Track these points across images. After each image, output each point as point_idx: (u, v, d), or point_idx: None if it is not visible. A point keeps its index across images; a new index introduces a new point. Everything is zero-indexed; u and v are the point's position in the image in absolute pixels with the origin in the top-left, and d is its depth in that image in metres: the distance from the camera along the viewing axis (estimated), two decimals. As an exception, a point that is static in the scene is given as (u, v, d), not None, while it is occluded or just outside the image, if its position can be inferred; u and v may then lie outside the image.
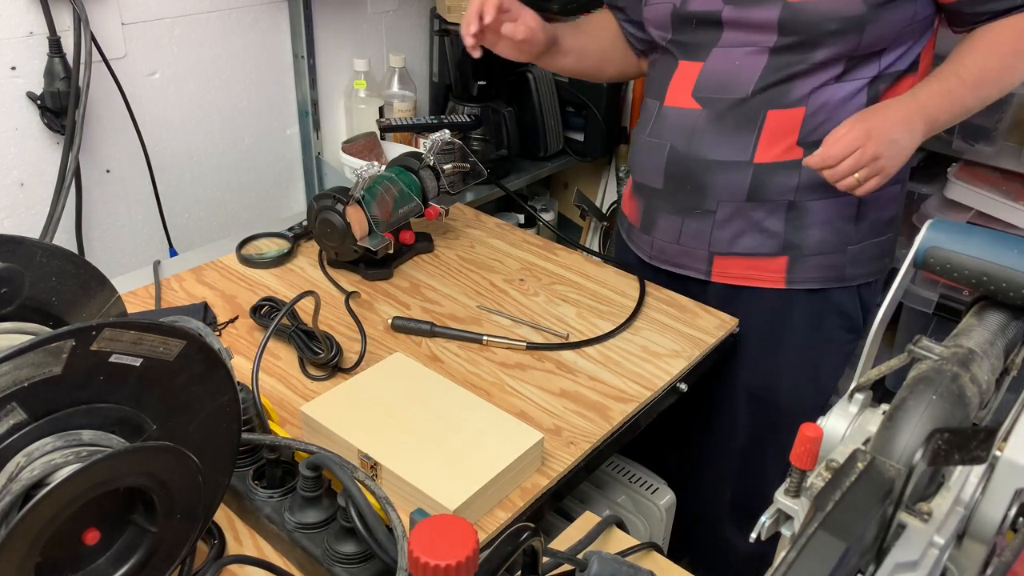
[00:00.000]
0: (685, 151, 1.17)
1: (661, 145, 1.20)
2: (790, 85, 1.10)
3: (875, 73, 1.10)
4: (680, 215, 1.22)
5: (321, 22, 1.64)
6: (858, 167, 1.05)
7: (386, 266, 1.25)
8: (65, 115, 1.28)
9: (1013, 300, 0.62)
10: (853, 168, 1.05)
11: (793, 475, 0.57)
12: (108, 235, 1.46)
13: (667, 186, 1.22)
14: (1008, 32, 1.08)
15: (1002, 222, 1.44)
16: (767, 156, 1.13)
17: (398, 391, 0.94)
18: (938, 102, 1.07)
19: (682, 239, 1.23)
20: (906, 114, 1.06)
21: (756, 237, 1.18)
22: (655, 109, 1.22)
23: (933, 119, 1.07)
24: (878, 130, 1.04)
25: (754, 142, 1.13)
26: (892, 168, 1.06)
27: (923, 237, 0.65)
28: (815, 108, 1.10)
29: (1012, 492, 0.51)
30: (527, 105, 1.86)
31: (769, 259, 1.20)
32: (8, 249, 0.68)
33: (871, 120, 1.05)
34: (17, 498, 0.54)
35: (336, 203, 1.18)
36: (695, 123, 1.16)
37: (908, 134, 1.06)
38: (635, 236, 1.34)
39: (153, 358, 0.60)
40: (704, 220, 1.20)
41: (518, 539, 0.55)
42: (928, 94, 1.07)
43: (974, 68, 1.07)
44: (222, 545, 0.80)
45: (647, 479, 1.22)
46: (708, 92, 1.14)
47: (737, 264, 1.21)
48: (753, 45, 1.10)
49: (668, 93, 1.19)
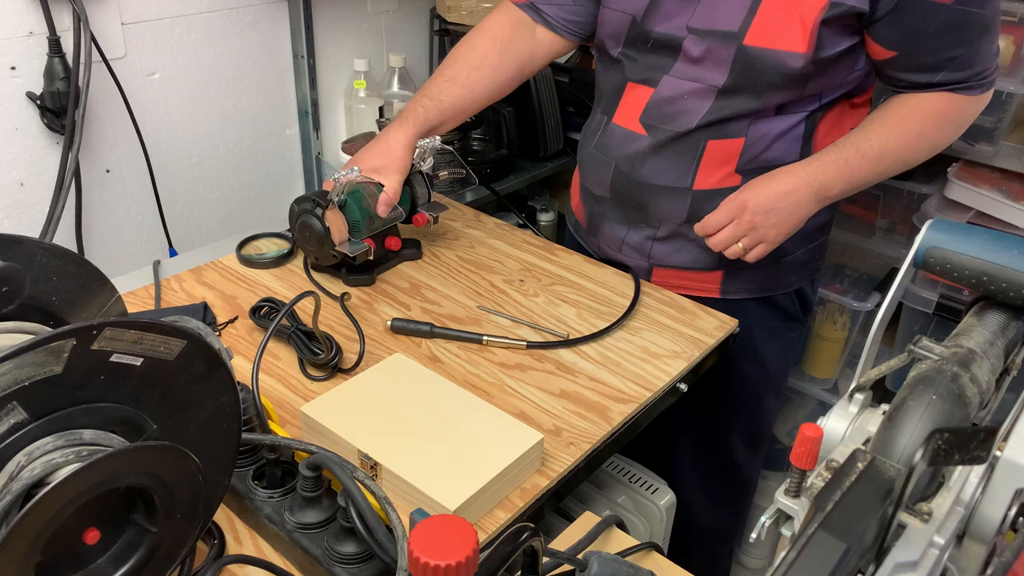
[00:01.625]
0: (628, 172, 1.21)
1: (607, 162, 1.24)
2: (730, 122, 1.13)
3: (815, 107, 1.13)
4: (623, 226, 1.27)
5: (321, 22, 1.64)
6: (737, 236, 1.11)
7: (367, 272, 1.23)
8: (65, 115, 1.28)
9: (1013, 300, 0.62)
10: (732, 237, 1.11)
11: (793, 475, 0.57)
12: (108, 235, 1.46)
13: (612, 199, 1.26)
14: (918, 111, 1.11)
15: (1002, 222, 1.44)
16: (706, 183, 1.17)
17: (398, 391, 0.94)
18: (833, 172, 1.10)
19: (623, 250, 1.29)
20: (792, 185, 1.10)
21: (694, 252, 1.23)
22: (603, 123, 1.25)
23: (825, 189, 1.11)
24: (755, 201, 1.09)
25: (694, 170, 1.16)
26: (774, 235, 1.11)
27: (923, 237, 0.65)
28: (754, 139, 1.14)
29: (1012, 492, 0.51)
30: (527, 105, 1.86)
31: (706, 272, 1.25)
32: (8, 249, 0.68)
33: (750, 191, 1.10)
34: (17, 497, 0.54)
35: (315, 207, 1.16)
36: (639, 147, 1.19)
37: (790, 204, 1.09)
38: (583, 233, 1.39)
39: (154, 358, 0.60)
40: (645, 234, 1.25)
41: (518, 539, 0.55)
42: (823, 164, 1.11)
43: (877, 144, 1.10)
44: (222, 545, 0.80)
45: (647, 479, 1.22)
46: (655, 120, 1.17)
47: (675, 275, 1.27)
48: (701, 81, 1.11)
49: (617, 112, 1.22)
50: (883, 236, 1.64)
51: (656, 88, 1.16)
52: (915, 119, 1.11)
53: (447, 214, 1.45)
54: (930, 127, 1.12)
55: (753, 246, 1.11)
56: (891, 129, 1.11)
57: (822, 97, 1.13)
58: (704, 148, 1.14)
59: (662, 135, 1.16)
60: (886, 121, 1.12)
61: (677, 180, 1.17)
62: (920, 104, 1.11)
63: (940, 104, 1.10)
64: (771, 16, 1.04)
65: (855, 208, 1.66)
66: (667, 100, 1.15)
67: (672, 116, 1.15)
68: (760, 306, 1.28)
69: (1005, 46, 1.37)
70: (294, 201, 1.20)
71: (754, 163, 1.15)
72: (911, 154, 1.13)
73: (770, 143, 1.14)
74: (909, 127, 1.11)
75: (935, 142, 1.14)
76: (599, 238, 1.33)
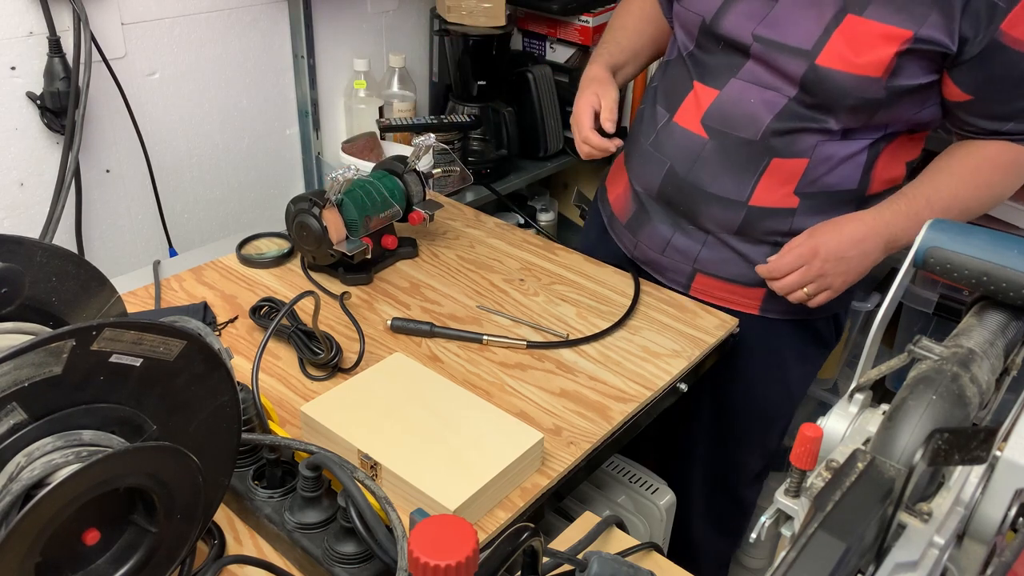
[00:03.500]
0: (684, 175, 1.17)
1: (662, 160, 1.20)
2: (798, 136, 1.10)
3: (880, 135, 1.11)
4: (670, 228, 1.23)
5: (321, 22, 1.64)
6: (804, 282, 1.09)
7: (365, 271, 1.23)
8: (65, 115, 1.28)
9: (1013, 300, 0.62)
10: (800, 283, 1.09)
11: (793, 475, 0.57)
12: (108, 235, 1.46)
13: (660, 200, 1.23)
14: (986, 163, 1.09)
15: (1002, 222, 1.44)
16: (763, 200, 1.14)
17: (398, 391, 0.94)
18: (902, 223, 1.08)
19: (667, 251, 1.25)
20: (862, 233, 1.08)
21: (740, 265, 1.20)
22: (663, 120, 1.21)
23: (893, 239, 1.09)
24: (827, 247, 1.07)
25: (753, 184, 1.13)
26: (841, 283, 1.10)
27: (923, 237, 0.65)
28: (818, 160, 1.10)
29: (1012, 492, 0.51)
30: (527, 105, 1.86)
31: (748, 288, 1.22)
32: (8, 249, 0.68)
33: (822, 236, 1.08)
34: (17, 498, 0.54)
35: (312, 206, 1.16)
36: (700, 151, 1.15)
37: (860, 253, 1.08)
38: (618, 228, 1.34)
39: (153, 358, 0.60)
40: (693, 239, 1.22)
41: (518, 539, 0.55)
42: (894, 214, 1.09)
43: (946, 194, 1.09)
44: (222, 545, 0.80)
45: (647, 479, 1.22)
46: (718, 124, 1.13)
47: (717, 286, 1.23)
48: (773, 89, 1.09)
49: (680, 111, 1.18)
50: (883, 236, 1.64)
51: (722, 90, 1.12)
52: (984, 171, 1.09)
53: (447, 214, 1.45)
54: (998, 178, 1.10)
55: (817, 293, 1.10)
56: (960, 180, 1.09)
57: (888, 126, 1.10)
58: (768, 164, 1.11)
59: (725, 140, 1.13)
60: (954, 172, 1.10)
61: (734, 192, 1.14)
62: (988, 155, 1.09)
63: (1009, 155, 1.08)
64: (848, 40, 1.01)
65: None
66: (732, 103, 1.12)
67: (737, 121, 1.12)
68: (796, 329, 1.25)
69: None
70: (291, 201, 1.20)
71: (814, 186, 1.12)
72: (976, 205, 1.11)
73: (832, 167, 1.11)
74: (977, 179, 1.09)
75: (1001, 193, 1.12)
76: (639, 236, 1.28)
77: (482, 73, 1.77)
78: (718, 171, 1.14)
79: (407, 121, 1.65)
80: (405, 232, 1.33)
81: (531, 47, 1.99)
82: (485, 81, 1.78)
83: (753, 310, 1.23)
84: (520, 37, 1.99)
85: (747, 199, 1.14)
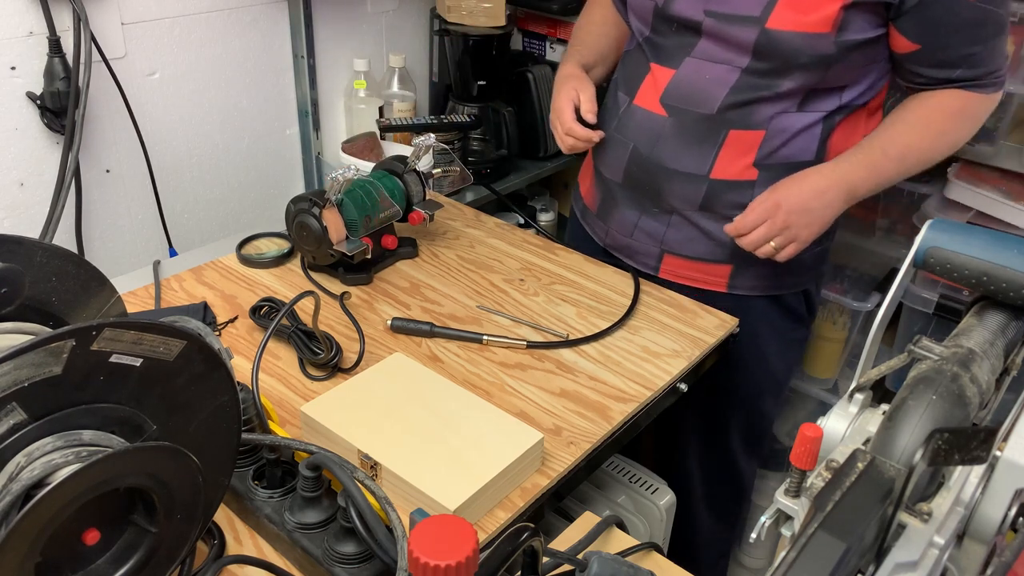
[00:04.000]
0: (647, 155, 1.21)
1: (625, 143, 1.24)
2: (754, 108, 1.14)
3: (835, 107, 1.15)
4: (636, 211, 1.27)
5: (321, 22, 1.64)
6: (770, 236, 1.12)
7: (365, 271, 1.24)
8: (65, 115, 1.28)
9: (1013, 300, 0.62)
10: (765, 237, 1.12)
11: (793, 475, 0.57)
12: (108, 235, 1.46)
13: (626, 183, 1.27)
14: (938, 111, 1.14)
15: (1002, 222, 1.44)
16: (724, 173, 1.18)
17: (398, 391, 0.94)
18: (861, 173, 1.13)
19: (635, 234, 1.29)
20: (823, 185, 1.12)
21: (705, 243, 1.23)
22: (624, 104, 1.26)
23: (853, 189, 1.13)
24: (789, 200, 1.11)
25: (713, 158, 1.17)
26: (806, 235, 1.13)
27: (923, 237, 0.65)
28: (775, 132, 1.15)
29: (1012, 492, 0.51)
30: (527, 105, 1.86)
31: (715, 265, 1.25)
32: (8, 249, 0.68)
33: (783, 191, 1.12)
34: (17, 498, 0.54)
35: (312, 206, 1.16)
36: (660, 129, 1.19)
37: (822, 204, 1.12)
38: (590, 219, 1.39)
39: (153, 358, 0.60)
40: (659, 220, 1.25)
41: (518, 539, 0.55)
42: (851, 165, 1.13)
43: (900, 143, 1.13)
44: (222, 545, 0.80)
45: (647, 479, 1.22)
46: (676, 101, 1.18)
47: (685, 265, 1.27)
48: (726, 63, 1.13)
49: (639, 93, 1.23)
50: (883, 236, 1.64)
51: (678, 69, 1.17)
52: (936, 118, 1.14)
53: (447, 214, 1.45)
54: (950, 126, 1.14)
55: (785, 245, 1.13)
56: (913, 128, 1.14)
57: (842, 95, 1.14)
58: (725, 137, 1.15)
59: (683, 117, 1.17)
60: (908, 120, 1.14)
61: (695, 167, 1.18)
62: (939, 104, 1.13)
63: (958, 103, 1.13)
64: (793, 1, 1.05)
65: (855, 208, 1.65)
66: (688, 81, 1.16)
67: (693, 97, 1.15)
68: (766, 304, 1.28)
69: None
70: (291, 201, 1.20)
71: (772, 158, 1.16)
72: (933, 153, 1.15)
73: (789, 139, 1.15)
74: (931, 127, 1.14)
75: (954, 140, 1.16)
76: (609, 223, 1.32)
77: (482, 73, 1.77)
78: (679, 147, 1.18)
79: (407, 121, 1.65)
80: (405, 232, 1.33)
81: (531, 47, 1.99)
82: (485, 81, 1.78)
83: (721, 288, 1.26)
84: (520, 37, 1.99)
85: (708, 172, 1.17)
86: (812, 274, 1.29)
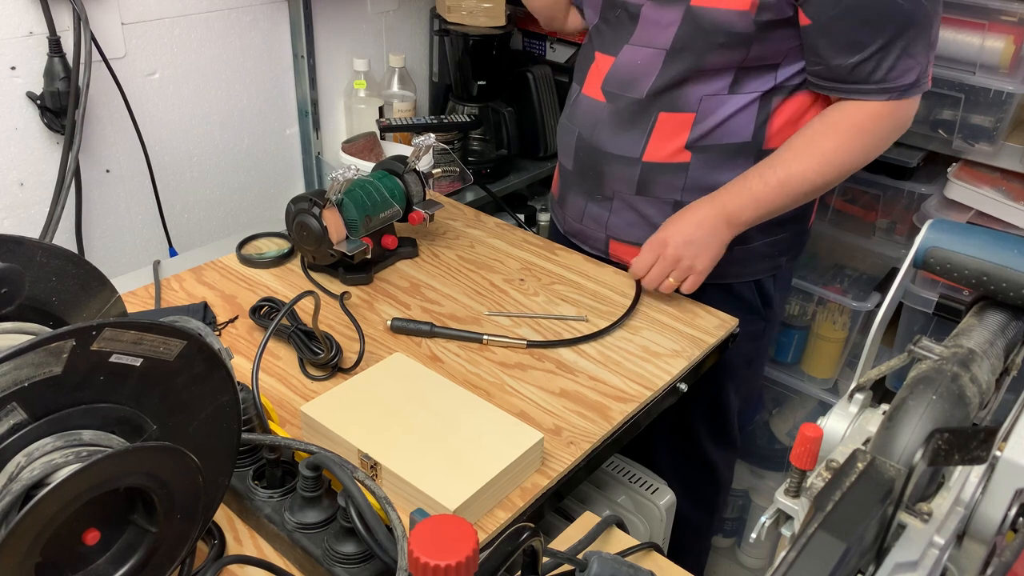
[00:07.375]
0: (588, 140, 1.26)
1: (572, 130, 1.29)
2: (682, 90, 1.16)
3: (769, 86, 1.15)
4: (584, 198, 1.31)
5: (321, 22, 1.64)
6: (665, 271, 1.17)
7: (365, 271, 1.23)
8: (65, 115, 1.28)
9: (1013, 300, 0.62)
10: (661, 273, 1.17)
11: (793, 475, 0.57)
12: (108, 235, 1.46)
13: (575, 169, 1.31)
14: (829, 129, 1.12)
15: (1002, 222, 1.44)
16: (656, 156, 1.20)
17: (398, 391, 0.94)
18: (738, 201, 1.14)
19: (584, 220, 1.33)
20: (701, 215, 1.15)
21: (645, 229, 1.25)
22: (575, 94, 1.30)
23: (731, 216, 1.15)
24: (673, 236, 1.16)
25: (645, 140, 1.20)
26: (702, 265, 1.16)
27: (923, 237, 0.65)
28: (705, 114, 1.16)
29: (1012, 492, 0.51)
30: (527, 105, 1.86)
31: None
32: (8, 249, 0.68)
33: (669, 227, 1.17)
34: (17, 498, 0.54)
35: (312, 206, 1.16)
36: (599, 115, 1.24)
37: (705, 233, 1.15)
38: (554, 206, 1.45)
39: (153, 358, 0.60)
40: (602, 206, 1.29)
41: (518, 539, 0.55)
42: (729, 194, 1.16)
43: (781, 170, 1.13)
44: (222, 545, 0.80)
45: (647, 479, 1.22)
46: (613, 87, 1.22)
47: (628, 251, 1.29)
48: (654, 47, 1.15)
49: (586, 82, 1.27)
50: (883, 236, 1.64)
51: (617, 56, 1.20)
52: (826, 139, 1.11)
53: (447, 214, 1.45)
54: (845, 142, 1.11)
55: (684, 278, 1.17)
56: (796, 153, 1.13)
57: (776, 75, 1.14)
58: (655, 120, 1.18)
59: (620, 103, 1.21)
60: (792, 145, 1.14)
61: (629, 149, 1.21)
62: (832, 122, 1.11)
63: (852, 118, 1.10)
64: None
65: (855, 208, 1.66)
66: (624, 68, 1.19)
67: (627, 82, 1.19)
68: (716, 292, 1.26)
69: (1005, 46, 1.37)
70: (291, 201, 1.20)
71: (706, 140, 1.17)
72: (821, 178, 1.13)
73: (722, 121, 1.16)
74: (815, 148, 1.12)
75: (847, 160, 1.12)
76: (565, 209, 1.37)
77: (482, 73, 1.77)
78: (614, 131, 1.22)
79: (407, 121, 1.65)
80: (405, 232, 1.33)
81: (531, 47, 1.99)
82: (485, 81, 1.78)
83: None
84: (520, 37, 1.99)
85: (640, 155, 1.21)
86: (765, 264, 1.29)
